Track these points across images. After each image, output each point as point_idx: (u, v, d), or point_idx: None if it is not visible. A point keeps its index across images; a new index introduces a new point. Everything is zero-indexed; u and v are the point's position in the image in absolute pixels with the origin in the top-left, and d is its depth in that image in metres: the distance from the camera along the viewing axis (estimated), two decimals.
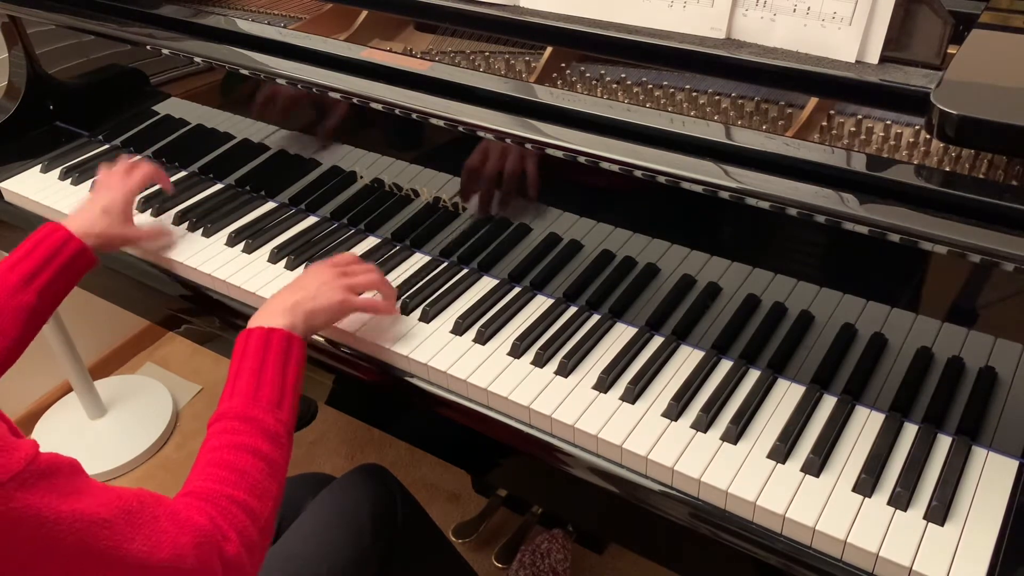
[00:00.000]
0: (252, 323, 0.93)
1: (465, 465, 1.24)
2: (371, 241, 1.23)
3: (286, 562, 0.99)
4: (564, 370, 0.97)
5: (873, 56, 0.92)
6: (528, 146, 0.99)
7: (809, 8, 0.94)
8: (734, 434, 0.88)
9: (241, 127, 1.29)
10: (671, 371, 0.98)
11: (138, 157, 1.27)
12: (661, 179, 0.90)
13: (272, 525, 0.81)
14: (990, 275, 0.78)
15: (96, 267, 1.11)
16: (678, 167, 0.89)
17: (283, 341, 0.90)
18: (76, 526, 0.64)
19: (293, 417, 0.87)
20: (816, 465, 0.85)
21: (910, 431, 0.89)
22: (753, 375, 0.96)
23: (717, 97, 1.01)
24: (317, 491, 1.10)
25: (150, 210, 1.32)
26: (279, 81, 1.15)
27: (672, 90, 1.04)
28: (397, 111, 1.06)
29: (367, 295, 1.05)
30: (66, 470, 0.67)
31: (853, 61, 0.92)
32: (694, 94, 1.03)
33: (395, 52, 1.12)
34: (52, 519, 0.63)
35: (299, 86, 1.14)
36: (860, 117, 0.95)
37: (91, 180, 1.39)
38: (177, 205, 1.32)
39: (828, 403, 0.92)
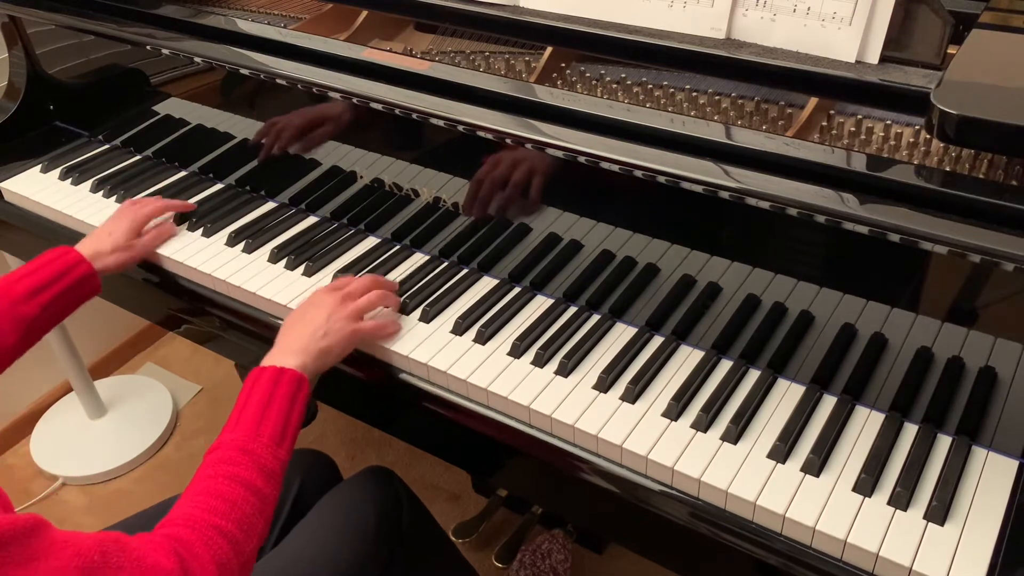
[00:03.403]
0: (265, 361, 0.94)
1: (465, 465, 1.24)
2: (371, 241, 1.23)
3: (291, 563, 0.99)
4: (564, 370, 0.97)
5: (873, 56, 0.92)
6: (528, 146, 0.99)
7: (809, 8, 0.94)
8: (734, 434, 0.88)
9: (241, 127, 1.29)
10: (671, 371, 0.98)
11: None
12: (661, 179, 0.90)
13: (253, 560, 0.81)
14: (990, 275, 0.78)
15: (98, 294, 1.13)
16: (678, 167, 0.89)
17: (293, 382, 0.91)
18: None
19: (289, 457, 0.88)
20: (816, 465, 0.85)
21: (910, 431, 0.89)
22: (753, 375, 0.96)
23: (717, 97, 1.01)
24: (311, 470, 1.11)
25: None
26: (279, 81, 1.15)
27: (672, 90, 1.04)
28: (397, 111, 1.06)
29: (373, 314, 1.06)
30: (23, 533, 0.63)
31: (853, 61, 0.92)
32: (694, 94, 1.03)
33: (395, 52, 1.12)
34: None
35: (299, 86, 1.14)
36: (860, 117, 0.95)
37: (91, 180, 1.39)
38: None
39: (828, 403, 0.92)
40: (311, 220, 1.28)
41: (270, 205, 1.32)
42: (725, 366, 0.98)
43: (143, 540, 0.73)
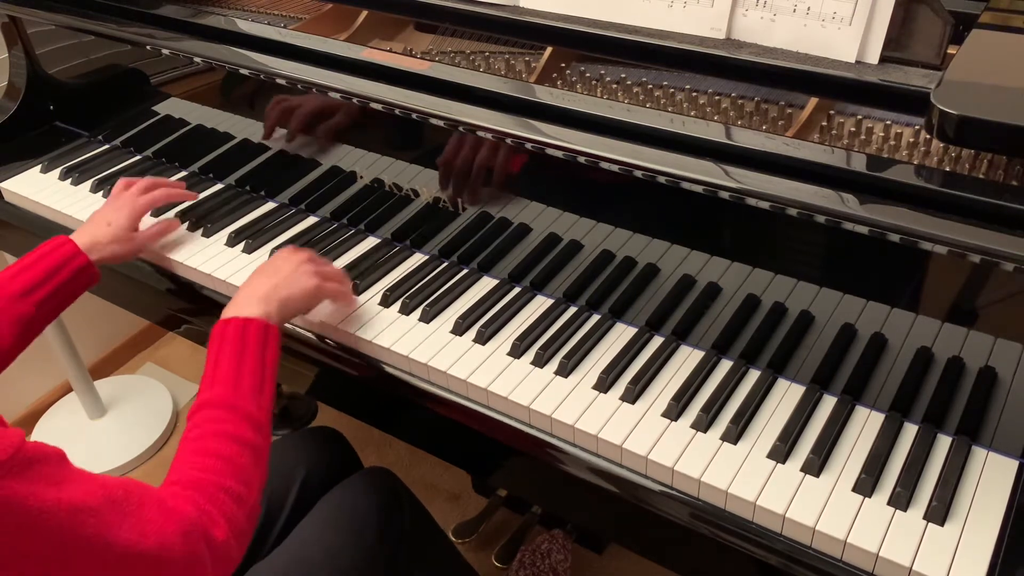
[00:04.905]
0: (226, 313, 0.93)
1: (465, 465, 1.24)
2: (371, 241, 1.23)
3: (292, 563, 0.99)
4: (564, 370, 0.97)
5: (873, 56, 0.92)
6: (528, 146, 0.99)
7: (809, 8, 0.94)
8: (734, 434, 0.88)
9: (241, 127, 1.29)
10: (671, 371, 0.98)
11: (149, 177, 1.27)
12: (661, 179, 0.90)
13: (258, 511, 0.82)
14: (990, 275, 0.78)
15: (97, 283, 1.11)
16: (678, 167, 0.89)
17: (260, 331, 0.90)
18: (62, 515, 0.65)
19: (273, 404, 0.88)
20: (816, 465, 0.85)
21: (910, 431, 0.89)
22: (753, 375, 0.96)
23: (717, 97, 1.01)
24: (317, 457, 1.12)
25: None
26: (279, 81, 1.15)
27: (672, 90, 1.04)
28: (397, 111, 1.06)
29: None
30: (53, 459, 0.67)
31: (853, 61, 0.92)
32: (694, 94, 1.03)
33: (395, 52, 1.12)
34: (37, 507, 0.63)
35: (299, 86, 1.14)
36: (860, 117, 0.95)
37: (91, 180, 1.39)
38: (177, 205, 1.32)
39: (828, 403, 0.92)
40: (311, 220, 1.28)
41: (270, 205, 1.32)
42: (725, 366, 0.98)
43: (163, 487, 0.76)
